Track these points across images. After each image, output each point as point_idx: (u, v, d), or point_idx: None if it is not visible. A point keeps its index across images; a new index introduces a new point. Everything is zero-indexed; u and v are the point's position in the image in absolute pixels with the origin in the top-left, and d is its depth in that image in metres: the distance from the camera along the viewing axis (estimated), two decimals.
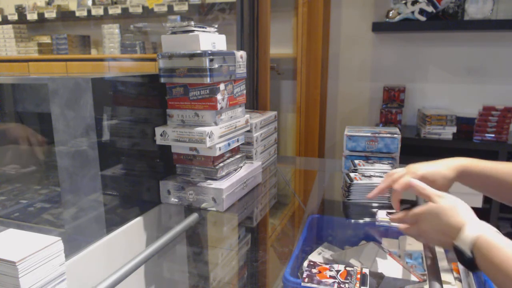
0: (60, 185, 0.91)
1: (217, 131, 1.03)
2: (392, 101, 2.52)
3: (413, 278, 0.77)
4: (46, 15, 3.55)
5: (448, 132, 2.23)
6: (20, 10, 3.71)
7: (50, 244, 0.56)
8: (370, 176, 1.12)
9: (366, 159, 1.26)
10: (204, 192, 1.03)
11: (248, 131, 1.25)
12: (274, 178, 1.43)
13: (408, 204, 0.88)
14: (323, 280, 0.69)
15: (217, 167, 1.06)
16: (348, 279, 0.70)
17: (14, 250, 0.54)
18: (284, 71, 2.76)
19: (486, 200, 2.10)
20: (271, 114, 1.50)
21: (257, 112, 1.53)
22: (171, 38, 1.03)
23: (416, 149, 2.37)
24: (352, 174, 1.14)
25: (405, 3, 2.28)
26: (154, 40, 3.43)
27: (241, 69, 1.14)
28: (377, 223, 0.96)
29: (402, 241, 0.96)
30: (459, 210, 0.67)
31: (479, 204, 2.08)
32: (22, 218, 1.07)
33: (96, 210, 0.91)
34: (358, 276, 0.71)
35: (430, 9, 2.23)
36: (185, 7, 3.05)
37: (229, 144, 1.10)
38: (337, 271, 0.72)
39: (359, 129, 1.29)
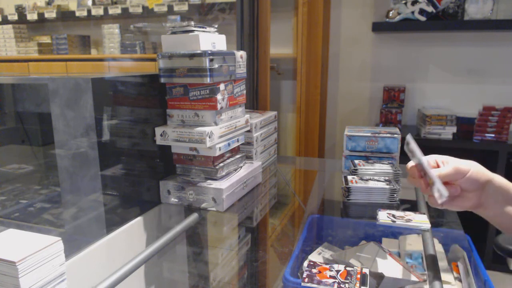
0: (60, 185, 0.91)
1: (217, 131, 1.03)
2: (392, 101, 2.52)
3: (413, 278, 0.76)
4: (46, 15, 3.55)
5: (448, 132, 2.23)
6: (20, 10, 3.71)
7: (50, 244, 0.56)
8: (367, 180, 1.12)
9: (366, 159, 1.26)
10: (204, 192, 1.03)
11: (248, 131, 1.25)
12: (274, 178, 1.43)
13: (408, 204, 0.86)
14: (323, 280, 0.69)
15: (217, 167, 1.06)
16: (348, 279, 0.70)
17: (14, 250, 0.54)
18: (284, 71, 2.76)
19: None
20: (271, 114, 1.50)
21: (257, 112, 1.53)
22: (171, 38, 1.03)
23: None
24: (349, 177, 1.14)
25: (405, 3, 2.28)
26: (154, 40, 3.43)
27: (241, 69, 1.14)
28: (377, 223, 0.96)
29: (402, 241, 0.96)
30: None
31: None
32: (22, 218, 1.07)
33: (96, 210, 0.91)
34: (358, 276, 0.71)
35: (430, 9, 2.23)
36: (185, 7, 3.05)
37: (229, 144, 1.10)
38: (337, 271, 0.72)
39: (359, 129, 1.29)
